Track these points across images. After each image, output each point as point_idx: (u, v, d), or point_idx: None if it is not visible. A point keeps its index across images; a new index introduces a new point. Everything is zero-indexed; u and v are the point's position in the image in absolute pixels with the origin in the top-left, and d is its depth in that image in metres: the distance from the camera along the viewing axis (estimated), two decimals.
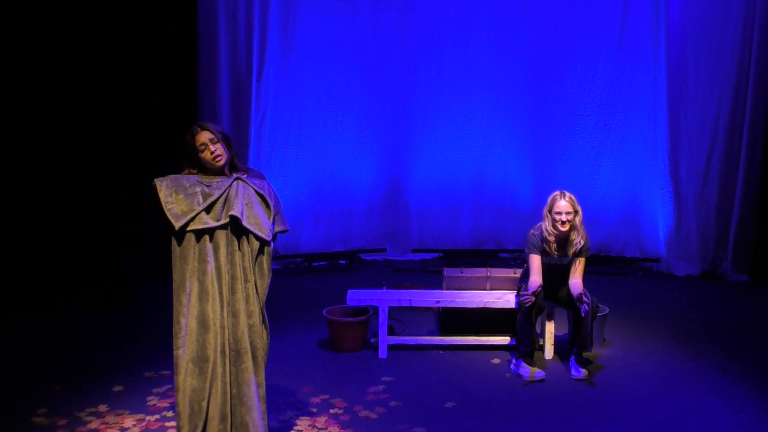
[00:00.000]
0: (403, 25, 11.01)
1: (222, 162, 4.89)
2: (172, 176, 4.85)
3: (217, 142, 4.89)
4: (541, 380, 6.64)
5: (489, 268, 7.85)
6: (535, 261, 6.90)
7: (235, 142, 10.26)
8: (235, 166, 5.01)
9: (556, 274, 6.97)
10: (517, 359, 6.86)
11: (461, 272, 7.78)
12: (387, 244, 11.36)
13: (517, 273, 7.61)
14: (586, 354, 6.92)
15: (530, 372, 6.65)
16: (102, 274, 9.14)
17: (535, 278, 6.84)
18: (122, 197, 9.55)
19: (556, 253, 6.90)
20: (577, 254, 6.89)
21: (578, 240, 6.86)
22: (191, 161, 4.93)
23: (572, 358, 6.84)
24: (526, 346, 6.76)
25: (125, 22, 9.53)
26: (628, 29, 10.63)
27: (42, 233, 9.19)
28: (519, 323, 6.81)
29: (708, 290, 9.87)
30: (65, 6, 9.18)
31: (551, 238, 6.88)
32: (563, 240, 6.89)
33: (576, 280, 6.85)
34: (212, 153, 4.86)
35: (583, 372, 6.69)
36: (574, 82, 10.90)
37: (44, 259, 9.20)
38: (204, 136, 4.87)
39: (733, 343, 7.69)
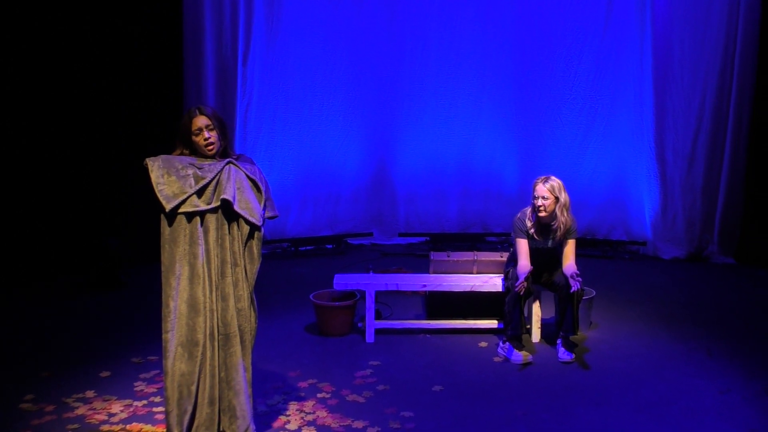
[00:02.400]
0: (389, 10, 10.97)
1: (213, 150, 4.88)
2: (164, 156, 4.82)
3: (213, 129, 4.87)
4: (529, 363, 6.66)
5: (476, 252, 7.86)
6: (522, 245, 6.90)
7: None
8: (227, 153, 5.00)
9: (541, 258, 6.98)
10: (504, 342, 6.88)
11: (448, 256, 7.78)
12: (374, 228, 11.35)
13: (504, 256, 7.63)
14: (573, 337, 6.94)
15: (522, 357, 6.67)
16: (89, 259, 9.11)
17: (524, 263, 6.83)
18: (109, 182, 9.52)
19: (537, 237, 6.91)
20: (565, 237, 6.90)
21: (558, 226, 6.83)
22: (184, 142, 4.92)
23: (559, 341, 6.86)
24: (514, 330, 6.78)
25: (110, 8, 9.47)
26: (613, 11, 10.62)
27: (29, 219, 9.16)
28: (507, 307, 6.82)
29: (694, 272, 9.91)
30: None
31: (529, 223, 6.89)
32: (544, 226, 6.90)
33: (570, 263, 6.85)
34: (206, 139, 4.85)
35: (571, 355, 6.72)
36: (560, 65, 10.89)
37: (32, 244, 9.17)
38: (201, 121, 4.85)
39: (719, 325, 7.72)
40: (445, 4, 10.98)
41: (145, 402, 5.83)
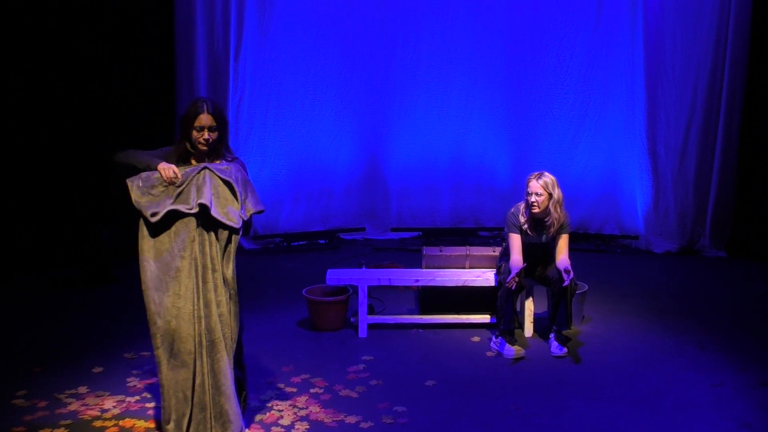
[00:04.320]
0: (381, 5, 10.93)
1: (206, 150, 4.91)
2: (144, 175, 4.84)
3: (215, 131, 4.90)
4: (522, 358, 6.67)
5: (468, 247, 7.86)
6: (515, 240, 6.90)
7: None
8: (219, 152, 5.01)
9: (534, 253, 6.99)
10: (497, 337, 6.88)
11: (440, 251, 7.78)
12: (366, 224, 11.34)
13: (496, 251, 7.62)
14: (566, 331, 6.94)
15: (515, 351, 6.67)
16: (81, 254, 9.09)
17: (516, 257, 6.83)
18: (101, 176, 9.49)
19: (530, 232, 6.91)
20: (558, 232, 6.91)
21: (552, 222, 6.84)
22: (185, 132, 4.94)
23: (552, 335, 6.87)
24: (506, 324, 6.78)
25: (102, 3, 9.45)
26: (605, 4, 10.60)
27: (21, 213, 9.14)
28: (499, 301, 6.82)
29: (686, 266, 9.92)
30: None
31: (523, 218, 6.90)
32: (537, 221, 6.90)
33: (563, 258, 6.86)
34: (205, 139, 4.88)
35: (563, 349, 6.73)
36: (552, 59, 10.86)
37: (23, 239, 9.15)
38: (205, 120, 4.90)
39: (711, 318, 7.74)
40: None
41: (137, 398, 5.83)
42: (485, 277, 7.35)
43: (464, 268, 7.67)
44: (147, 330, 4.82)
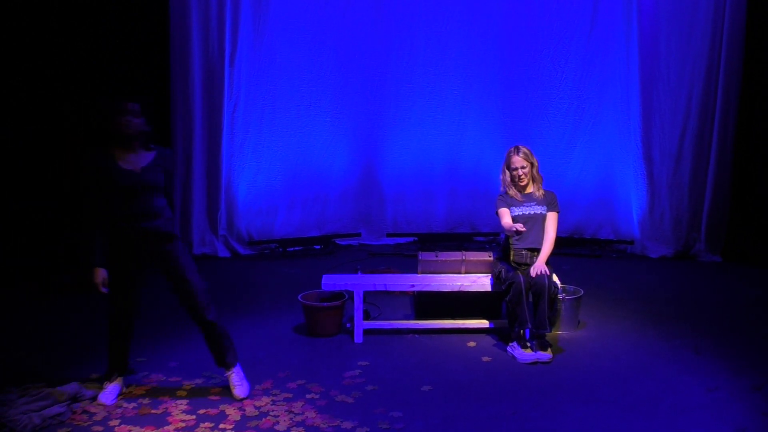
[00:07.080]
0: (376, 10, 10.95)
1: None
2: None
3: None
4: (536, 362, 6.66)
5: (464, 252, 7.86)
6: (506, 212, 7.10)
7: (209, 128, 10.28)
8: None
9: (529, 228, 7.03)
10: (512, 341, 6.86)
11: (436, 256, 7.78)
12: (362, 229, 11.34)
13: (492, 256, 7.63)
14: (552, 335, 6.96)
15: (530, 355, 6.67)
16: (77, 259, 9.08)
17: (508, 221, 7.04)
18: None
19: (520, 199, 7.10)
20: (548, 206, 7.08)
21: (537, 187, 7.14)
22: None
23: (533, 342, 6.85)
24: (520, 327, 6.77)
25: (97, 7, 9.45)
26: (600, 10, 10.62)
27: (13, 218, 9.13)
28: (510, 305, 6.81)
29: (681, 271, 9.92)
30: None
31: (512, 191, 7.13)
32: (523, 187, 7.13)
33: (550, 236, 7.03)
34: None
35: (542, 354, 6.69)
36: (547, 65, 10.89)
37: (16, 244, 9.13)
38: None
39: (706, 323, 7.74)
40: (431, 4, 10.96)
41: (134, 404, 5.82)
42: (481, 282, 7.35)
43: (460, 273, 7.67)
44: (143, 336, 4.81)
